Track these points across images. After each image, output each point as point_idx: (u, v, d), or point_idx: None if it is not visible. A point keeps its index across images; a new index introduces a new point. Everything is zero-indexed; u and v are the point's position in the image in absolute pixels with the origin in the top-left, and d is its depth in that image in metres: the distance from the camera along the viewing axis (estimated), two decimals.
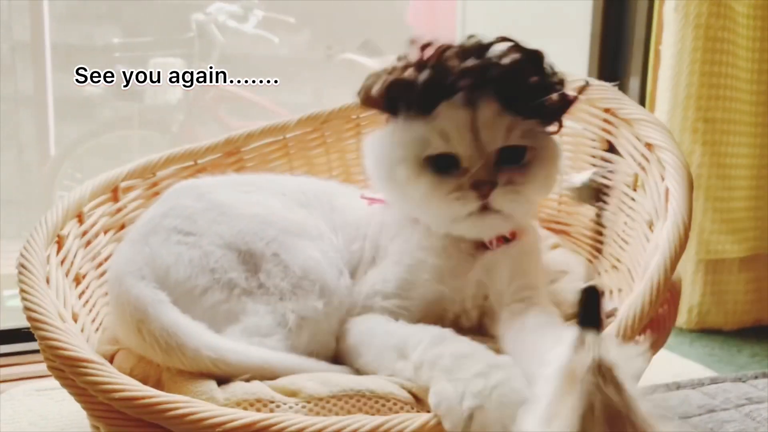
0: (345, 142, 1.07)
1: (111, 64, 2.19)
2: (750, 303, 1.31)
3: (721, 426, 0.84)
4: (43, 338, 0.58)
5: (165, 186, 0.91)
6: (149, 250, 0.71)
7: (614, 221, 0.92)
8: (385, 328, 0.70)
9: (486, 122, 0.70)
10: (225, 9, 2.36)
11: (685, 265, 1.27)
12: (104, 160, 2.21)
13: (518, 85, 0.71)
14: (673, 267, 0.61)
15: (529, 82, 0.71)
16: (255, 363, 0.64)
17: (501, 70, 0.71)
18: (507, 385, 0.53)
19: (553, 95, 0.72)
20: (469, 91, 0.70)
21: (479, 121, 0.70)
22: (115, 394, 0.52)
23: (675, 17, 1.21)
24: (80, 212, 0.81)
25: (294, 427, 0.50)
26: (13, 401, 0.94)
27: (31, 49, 2.07)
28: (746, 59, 1.24)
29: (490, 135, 0.70)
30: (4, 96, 2.07)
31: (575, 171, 1.00)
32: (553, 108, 0.73)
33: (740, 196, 1.28)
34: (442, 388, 0.55)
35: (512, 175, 0.71)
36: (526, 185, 0.71)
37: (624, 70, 1.43)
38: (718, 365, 1.13)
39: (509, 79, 0.71)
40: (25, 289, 0.63)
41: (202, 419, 0.50)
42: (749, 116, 1.26)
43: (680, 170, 0.71)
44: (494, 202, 0.70)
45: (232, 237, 0.72)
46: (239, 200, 0.76)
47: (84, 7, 2.26)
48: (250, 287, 0.70)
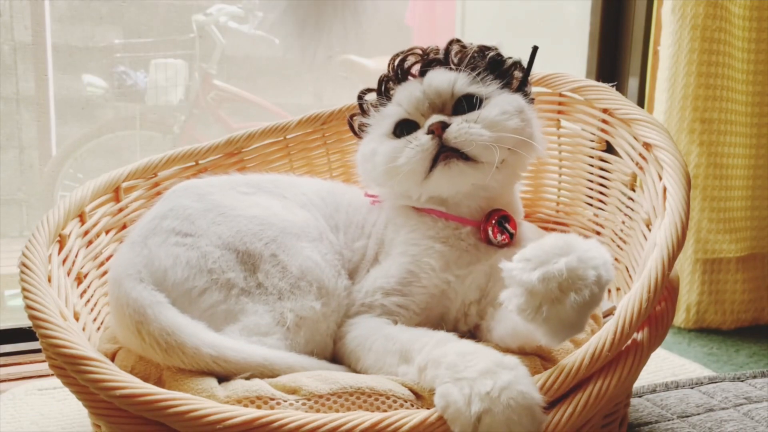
0: (345, 143, 1.07)
1: (112, 64, 2.19)
2: (748, 302, 1.32)
3: (720, 425, 0.84)
4: (44, 337, 0.58)
5: (166, 186, 0.91)
6: (148, 252, 0.71)
7: (612, 220, 0.92)
8: (385, 332, 0.70)
9: (431, 82, 0.77)
10: (226, 10, 2.36)
11: (683, 265, 1.28)
12: (106, 160, 2.21)
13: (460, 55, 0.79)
14: (670, 265, 0.61)
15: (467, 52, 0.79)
16: (255, 360, 0.64)
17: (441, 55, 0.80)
18: (515, 388, 0.53)
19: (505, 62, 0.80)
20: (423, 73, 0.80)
21: (425, 83, 0.78)
22: (117, 392, 0.53)
23: (672, 18, 1.22)
24: (82, 212, 0.81)
25: (294, 424, 0.50)
26: (14, 400, 0.94)
27: (32, 49, 2.07)
28: (742, 60, 1.25)
29: (435, 90, 0.77)
30: (5, 96, 2.07)
31: (574, 171, 1.00)
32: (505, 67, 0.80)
33: (737, 195, 1.28)
34: (448, 391, 0.54)
35: (466, 116, 0.75)
36: (481, 119, 0.74)
37: (622, 71, 1.44)
38: (717, 364, 1.13)
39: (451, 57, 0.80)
40: (26, 288, 0.64)
41: (203, 416, 0.51)
42: (746, 116, 1.27)
43: (678, 169, 0.71)
44: (449, 138, 0.73)
45: (230, 237, 0.72)
46: (238, 201, 0.77)
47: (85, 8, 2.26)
48: (249, 287, 0.70)
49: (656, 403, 0.91)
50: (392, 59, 0.84)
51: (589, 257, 0.55)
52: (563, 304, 0.53)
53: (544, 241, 0.56)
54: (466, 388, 0.54)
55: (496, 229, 0.77)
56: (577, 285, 0.53)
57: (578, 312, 0.53)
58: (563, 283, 0.53)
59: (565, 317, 0.53)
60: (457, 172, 0.73)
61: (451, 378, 0.55)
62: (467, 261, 0.76)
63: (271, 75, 2.55)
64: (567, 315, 0.53)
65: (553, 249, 0.55)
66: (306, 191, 0.84)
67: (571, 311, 0.53)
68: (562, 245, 0.55)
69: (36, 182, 2.15)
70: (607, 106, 0.89)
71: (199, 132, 2.36)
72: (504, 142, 0.74)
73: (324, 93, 2.64)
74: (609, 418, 0.69)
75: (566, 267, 0.53)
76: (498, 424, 0.52)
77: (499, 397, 0.52)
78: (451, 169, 0.73)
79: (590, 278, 0.53)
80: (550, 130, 1.00)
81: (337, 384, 0.61)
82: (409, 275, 0.75)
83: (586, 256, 0.55)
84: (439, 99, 0.77)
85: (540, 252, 0.55)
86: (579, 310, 0.53)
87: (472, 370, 0.55)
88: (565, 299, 0.53)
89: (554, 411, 0.54)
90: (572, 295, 0.53)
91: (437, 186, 0.75)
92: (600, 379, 0.56)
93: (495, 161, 0.72)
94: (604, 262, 0.55)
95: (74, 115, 2.27)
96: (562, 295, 0.53)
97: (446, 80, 0.77)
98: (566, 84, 0.94)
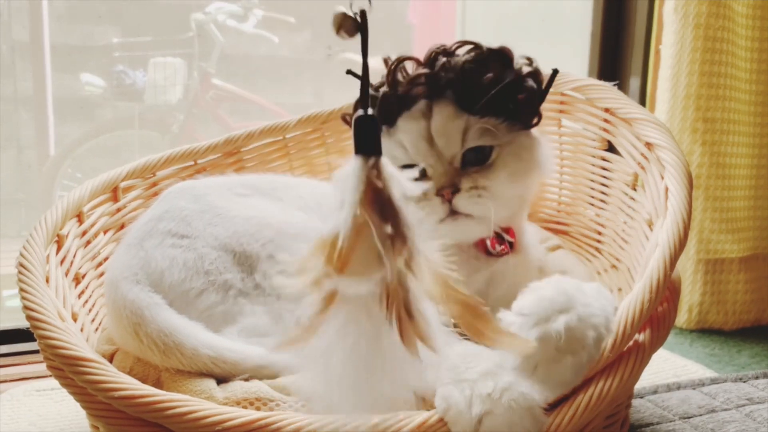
0: (345, 143, 1.07)
1: (111, 63, 2.19)
2: (750, 303, 1.31)
3: (722, 426, 0.84)
4: (42, 337, 0.58)
5: (165, 186, 0.91)
6: (144, 254, 0.71)
7: (614, 220, 0.92)
8: None
9: (438, 129, 0.72)
10: (225, 9, 2.36)
11: (685, 265, 1.27)
12: (104, 160, 2.21)
13: (472, 84, 0.72)
14: (672, 265, 0.61)
15: (482, 81, 0.72)
16: (254, 361, 0.64)
17: (451, 73, 0.72)
18: (516, 389, 0.52)
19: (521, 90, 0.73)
20: (428, 99, 0.72)
21: (433, 128, 0.72)
22: (115, 393, 0.52)
23: (675, 17, 1.22)
24: (80, 212, 0.81)
25: (293, 425, 0.50)
26: (12, 401, 0.94)
27: (30, 48, 2.07)
28: (746, 59, 1.24)
29: (445, 141, 0.72)
30: (4, 96, 2.06)
31: (575, 170, 1.00)
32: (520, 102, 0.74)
33: (740, 195, 1.28)
34: (449, 392, 0.54)
35: (476, 176, 0.72)
36: (490, 186, 0.72)
37: (624, 70, 1.43)
38: (719, 365, 1.13)
39: (461, 80, 0.72)
40: (24, 288, 0.63)
41: (202, 417, 0.50)
42: (749, 116, 1.26)
43: (680, 169, 0.71)
44: (459, 206, 0.71)
45: (227, 238, 0.72)
46: (235, 202, 0.76)
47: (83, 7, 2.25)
48: (246, 288, 0.70)
49: (658, 404, 0.91)
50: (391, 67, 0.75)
51: (590, 314, 0.53)
52: (559, 364, 0.52)
53: (544, 293, 0.55)
54: (467, 390, 0.53)
55: (494, 240, 0.77)
56: (574, 347, 0.52)
57: (574, 372, 0.52)
58: (561, 345, 0.52)
59: (561, 377, 0.52)
60: (463, 229, 0.73)
61: (452, 379, 0.55)
62: (467, 272, 0.75)
63: (270, 74, 2.55)
64: (562, 375, 0.52)
65: (553, 305, 0.54)
66: (303, 194, 0.83)
67: (567, 372, 0.52)
68: (562, 302, 0.54)
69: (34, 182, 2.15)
70: (608, 106, 0.88)
71: (198, 131, 2.36)
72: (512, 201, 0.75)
73: (324, 92, 2.64)
74: (610, 419, 0.68)
75: (565, 328, 0.52)
76: (499, 426, 0.51)
77: (501, 399, 0.52)
78: (457, 225, 0.72)
79: (589, 340, 0.52)
80: (551, 129, 1.00)
81: None
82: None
83: (586, 314, 0.53)
84: (449, 152, 0.73)
85: (539, 307, 0.54)
86: (575, 371, 0.52)
87: (473, 372, 0.55)
88: (561, 360, 0.52)
89: (555, 412, 0.54)
90: (569, 357, 0.52)
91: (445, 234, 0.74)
92: (601, 381, 0.55)
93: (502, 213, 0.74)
94: (605, 318, 0.54)
95: (72, 114, 2.27)
96: (559, 356, 0.52)
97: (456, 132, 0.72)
98: (567, 83, 0.94)
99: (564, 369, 0.52)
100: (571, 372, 0.52)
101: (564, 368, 0.52)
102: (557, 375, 0.52)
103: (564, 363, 0.52)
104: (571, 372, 0.52)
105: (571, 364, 0.52)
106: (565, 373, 0.52)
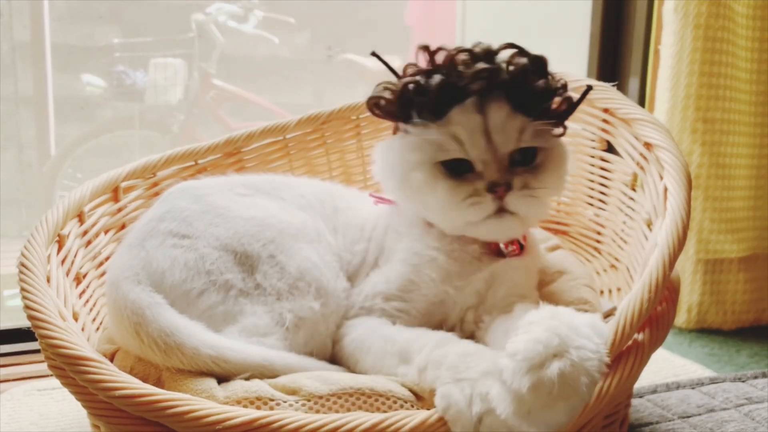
0: (345, 143, 1.07)
1: (111, 64, 2.19)
2: (749, 302, 1.31)
3: (721, 426, 0.84)
4: (43, 337, 0.58)
5: (165, 186, 0.91)
6: (145, 254, 0.71)
7: (613, 220, 0.92)
8: (383, 333, 0.69)
9: (498, 125, 0.71)
10: (225, 9, 2.36)
11: (685, 265, 1.27)
12: (105, 160, 2.21)
13: (526, 88, 0.72)
14: (671, 264, 0.61)
15: (536, 86, 0.72)
16: (255, 361, 0.64)
17: (510, 74, 0.71)
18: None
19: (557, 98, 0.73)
20: (480, 96, 0.71)
21: (491, 124, 0.71)
22: (116, 392, 0.52)
23: (674, 17, 1.22)
24: (81, 212, 0.81)
25: (293, 425, 0.50)
26: (13, 401, 0.94)
27: (31, 49, 2.07)
28: (746, 59, 1.24)
29: (503, 138, 0.71)
30: (4, 96, 2.07)
31: (574, 170, 1.00)
32: (559, 110, 0.74)
33: (739, 195, 1.28)
34: (449, 391, 0.54)
35: (526, 176, 0.71)
36: (540, 186, 0.72)
37: (623, 71, 1.44)
38: (718, 365, 1.13)
39: (518, 82, 0.71)
40: (25, 288, 0.63)
41: (203, 417, 0.50)
42: (748, 116, 1.26)
43: (679, 169, 0.71)
44: (510, 204, 0.70)
45: (228, 239, 0.72)
46: (236, 203, 0.77)
47: (84, 7, 2.26)
48: (247, 288, 0.70)
49: (657, 403, 0.91)
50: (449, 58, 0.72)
51: (584, 358, 0.52)
52: (552, 409, 0.52)
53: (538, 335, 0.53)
54: (467, 389, 0.54)
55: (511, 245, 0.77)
56: (567, 394, 0.51)
57: (567, 416, 0.52)
58: (554, 392, 0.51)
59: (553, 421, 0.52)
60: (506, 227, 0.72)
61: (452, 379, 0.55)
62: (468, 272, 0.75)
63: (270, 74, 2.55)
64: (554, 419, 0.52)
65: (547, 349, 0.52)
66: (304, 193, 0.83)
67: (558, 416, 0.52)
68: (556, 345, 0.52)
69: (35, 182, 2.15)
70: (608, 106, 0.89)
71: (199, 131, 2.36)
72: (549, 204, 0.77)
73: (324, 92, 2.64)
74: (610, 418, 0.68)
75: (558, 374, 0.51)
76: (498, 424, 0.52)
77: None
78: (501, 224, 0.71)
79: (582, 387, 0.52)
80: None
81: (337, 384, 0.61)
82: (410, 284, 0.74)
83: (579, 358, 0.52)
84: (504, 149, 0.72)
85: (533, 352, 0.52)
86: (568, 415, 0.52)
87: (473, 371, 0.55)
88: (554, 405, 0.52)
89: None
90: (561, 403, 0.51)
91: (486, 233, 0.73)
92: (601, 380, 0.55)
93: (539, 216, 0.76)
94: (598, 360, 0.53)
95: (73, 114, 2.27)
96: (551, 401, 0.51)
97: (513, 130, 0.71)
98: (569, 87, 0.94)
99: (556, 414, 0.51)
100: (563, 416, 0.52)
101: (555, 414, 0.51)
102: (549, 419, 0.52)
103: (556, 408, 0.52)
104: (564, 416, 0.52)
105: (563, 409, 0.52)
106: (557, 417, 0.52)
